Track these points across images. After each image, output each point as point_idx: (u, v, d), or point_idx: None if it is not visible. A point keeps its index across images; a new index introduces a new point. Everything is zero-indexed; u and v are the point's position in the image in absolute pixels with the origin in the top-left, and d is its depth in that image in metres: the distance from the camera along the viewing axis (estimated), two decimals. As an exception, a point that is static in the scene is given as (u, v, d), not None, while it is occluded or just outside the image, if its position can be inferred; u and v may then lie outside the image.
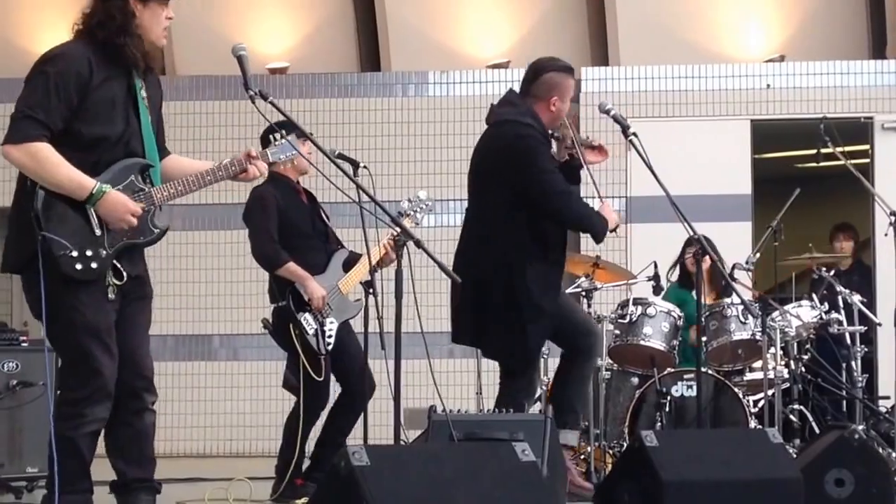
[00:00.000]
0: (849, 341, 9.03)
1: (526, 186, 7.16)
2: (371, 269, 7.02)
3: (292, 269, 7.92)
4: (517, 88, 7.52)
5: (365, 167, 7.08)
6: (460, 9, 13.36)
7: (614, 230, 7.38)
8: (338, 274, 8.07)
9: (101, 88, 5.33)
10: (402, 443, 6.43)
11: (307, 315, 7.88)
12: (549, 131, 7.35)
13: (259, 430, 8.74)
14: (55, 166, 5.21)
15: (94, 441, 5.31)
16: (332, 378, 8.04)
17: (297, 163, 8.04)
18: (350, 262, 8.17)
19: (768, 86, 12.24)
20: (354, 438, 8.75)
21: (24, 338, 8.82)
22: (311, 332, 7.88)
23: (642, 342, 8.72)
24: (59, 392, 5.31)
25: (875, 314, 9.62)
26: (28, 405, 8.43)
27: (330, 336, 7.92)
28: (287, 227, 8.03)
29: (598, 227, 7.30)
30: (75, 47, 5.38)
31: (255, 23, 13.39)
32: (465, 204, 7.55)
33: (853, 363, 8.99)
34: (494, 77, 12.43)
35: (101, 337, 5.29)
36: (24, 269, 5.32)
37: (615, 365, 8.86)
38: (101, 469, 5.67)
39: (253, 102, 5.57)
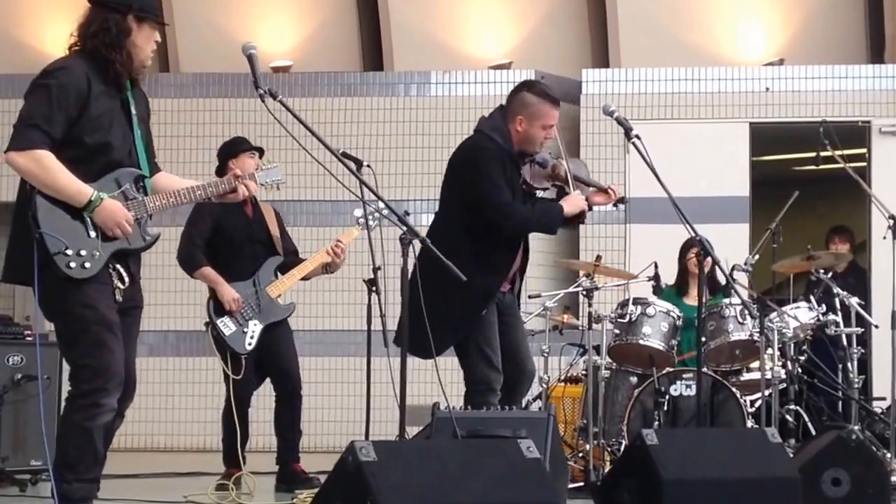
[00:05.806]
0: (845, 343, 9.08)
1: (468, 196, 7.08)
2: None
3: (206, 272, 8.33)
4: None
5: (368, 165, 7.16)
6: (463, 9, 13.43)
7: (580, 218, 7.30)
8: (267, 279, 8.38)
9: (97, 102, 5.45)
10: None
11: (226, 318, 8.23)
12: (519, 151, 7.16)
13: (260, 425, 8.80)
14: (57, 172, 5.34)
15: (105, 432, 5.38)
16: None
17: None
18: (287, 268, 8.48)
19: (767, 89, 12.31)
20: (356, 434, 8.84)
21: (29, 332, 8.87)
22: (228, 333, 8.24)
23: (641, 341, 8.78)
24: (71, 388, 5.36)
25: (870, 316, 9.68)
26: (32, 399, 8.51)
27: (252, 337, 8.23)
28: (218, 234, 8.36)
29: (546, 226, 7.31)
30: (74, 62, 5.49)
31: (259, 21, 13.45)
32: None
33: (849, 364, 9.04)
34: (496, 78, 12.48)
35: (113, 330, 5.38)
36: (30, 280, 5.39)
37: (614, 364, 8.92)
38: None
39: (262, 101, 5.64)
